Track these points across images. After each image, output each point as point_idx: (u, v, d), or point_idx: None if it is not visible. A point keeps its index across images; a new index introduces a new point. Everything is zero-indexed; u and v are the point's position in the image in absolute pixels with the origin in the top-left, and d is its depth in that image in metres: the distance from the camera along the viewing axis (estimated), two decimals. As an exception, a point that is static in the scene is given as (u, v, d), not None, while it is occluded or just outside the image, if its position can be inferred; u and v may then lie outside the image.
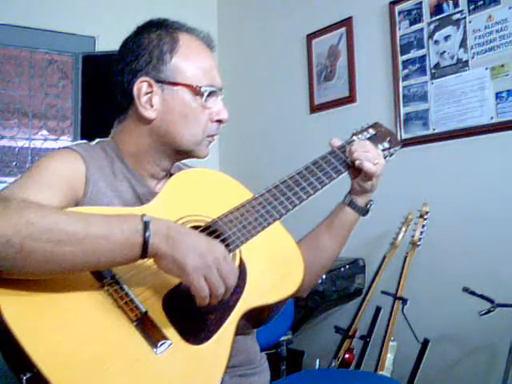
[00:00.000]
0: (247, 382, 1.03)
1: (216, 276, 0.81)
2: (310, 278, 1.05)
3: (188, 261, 0.80)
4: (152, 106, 1.01)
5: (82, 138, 2.80)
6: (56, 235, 0.75)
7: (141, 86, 1.01)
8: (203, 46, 1.06)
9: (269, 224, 1.00)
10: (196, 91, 1.01)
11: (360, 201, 1.14)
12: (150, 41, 1.01)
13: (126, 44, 1.05)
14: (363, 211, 1.15)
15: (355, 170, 1.11)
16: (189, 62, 1.02)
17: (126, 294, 0.83)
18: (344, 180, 1.14)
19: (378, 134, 1.19)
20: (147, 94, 1.01)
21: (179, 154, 1.07)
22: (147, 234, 0.79)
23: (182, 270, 0.80)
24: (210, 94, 1.03)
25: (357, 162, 1.08)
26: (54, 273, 0.79)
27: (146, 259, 0.83)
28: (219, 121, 1.06)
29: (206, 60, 1.04)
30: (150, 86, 1.01)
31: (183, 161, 1.15)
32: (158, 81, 1.01)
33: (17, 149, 2.89)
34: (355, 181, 1.13)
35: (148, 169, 1.07)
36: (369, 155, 1.08)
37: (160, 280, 0.87)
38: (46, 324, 0.76)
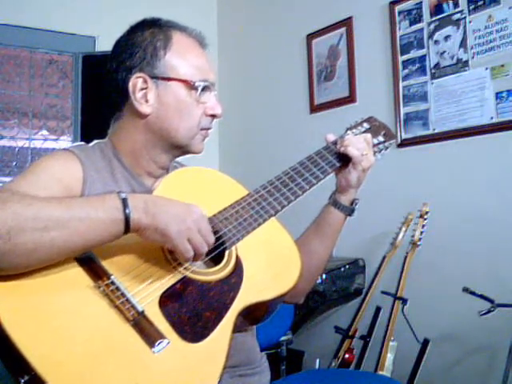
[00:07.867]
0: (247, 382, 1.03)
1: (198, 236, 0.86)
2: (305, 283, 1.05)
3: (171, 227, 0.84)
4: (147, 101, 1.02)
5: (81, 138, 2.81)
6: (42, 222, 0.77)
7: (136, 81, 1.01)
8: (195, 43, 1.07)
9: (264, 220, 1.00)
10: (190, 86, 1.02)
11: (344, 199, 1.13)
12: (144, 38, 1.02)
13: (120, 43, 1.06)
14: (348, 210, 1.14)
15: (345, 163, 1.10)
16: (182, 58, 1.03)
17: (122, 294, 0.83)
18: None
19: (373, 128, 1.19)
20: (142, 89, 1.02)
21: (175, 149, 1.07)
22: (127, 211, 0.82)
23: (167, 237, 0.84)
24: (204, 88, 1.04)
25: (342, 149, 1.08)
26: (45, 260, 0.79)
27: (143, 260, 0.85)
28: (213, 115, 1.07)
29: (198, 57, 1.06)
30: (144, 81, 1.02)
31: (181, 160, 1.16)
32: (153, 76, 1.01)
33: (17, 149, 2.89)
34: (342, 173, 1.12)
35: (145, 166, 1.07)
36: (359, 145, 1.08)
37: (156, 279, 0.88)
38: (42, 326, 0.76)
